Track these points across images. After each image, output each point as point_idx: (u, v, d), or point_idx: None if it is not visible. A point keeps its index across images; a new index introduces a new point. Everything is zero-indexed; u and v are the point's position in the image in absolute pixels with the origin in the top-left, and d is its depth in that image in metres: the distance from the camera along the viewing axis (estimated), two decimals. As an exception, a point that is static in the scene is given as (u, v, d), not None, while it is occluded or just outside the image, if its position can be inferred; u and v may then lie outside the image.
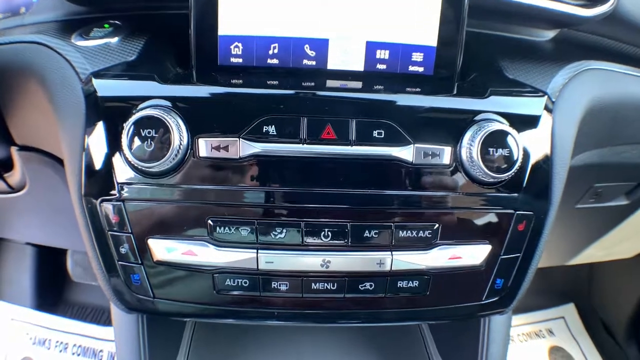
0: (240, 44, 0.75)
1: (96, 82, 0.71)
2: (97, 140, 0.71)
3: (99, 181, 0.71)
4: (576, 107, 0.81)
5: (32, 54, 0.78)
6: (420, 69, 0.78)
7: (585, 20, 0.85)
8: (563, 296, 1.79)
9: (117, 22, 0.83)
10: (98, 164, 0.71)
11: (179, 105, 0.69)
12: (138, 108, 0.69)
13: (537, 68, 0.83)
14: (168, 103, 0.69)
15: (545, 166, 0.76)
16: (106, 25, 0.83)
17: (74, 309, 1.64)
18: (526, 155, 0.73)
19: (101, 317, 1.61)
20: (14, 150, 1.02)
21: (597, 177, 1.12)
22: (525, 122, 0.74)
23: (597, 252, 1.38)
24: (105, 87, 0.71)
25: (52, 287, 1.66)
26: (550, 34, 0.95)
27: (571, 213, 1.17)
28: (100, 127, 0.70)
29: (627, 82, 0.91)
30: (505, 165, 0.70)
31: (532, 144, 0.74)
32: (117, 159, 0.70)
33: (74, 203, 0.74)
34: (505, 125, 0.71)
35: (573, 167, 0.86)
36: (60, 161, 0.99)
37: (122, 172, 0.70)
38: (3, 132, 0.97)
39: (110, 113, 0.70)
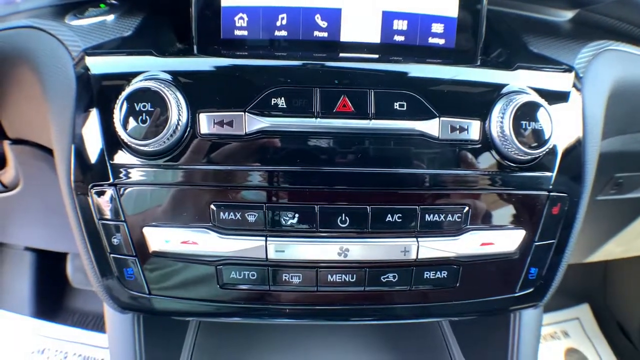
0: (245, 15, 0.66)
1: (88, 59, 0.62)
2: (87, 121, 0.61)
3: (90, 165, 0.61)
4: (603, 85, 0.73)
5: (24, 39, 0.69)
6: (441, 41, 0.68)
7: None
8: (577, 296, 1.67)
9: (113, 1, 0.75)
10: (88, 147, 0.61)
11: (178, 78, 0.59)
12: (133, 81, 0.59)
13: (560, 44, 0.75)
14: (166, 76, 0.59)
15: (577, 144, 0.67)
16: (102, 5, 0.74)
17: (75, 316, 1.51)
18: (559, 131, 0.63)
19: (102, 325, 1.48)
20: (6, 144, 0.93)
21: (618, 167, 1.02)
22: (555, 97, 0.65)
23: (616, 247, 1.27)
24: (98, 64, 0.62)
25: (52, 294, 1.54)
26: (568, 14, 0.88)
27: (591, 206, 1.07)
28: (91, 105, 0.61)
29: None
30: (539, 140, 0.60)
31: (564, 120, 0.65)
32: (109, 140, 0.60)
33: (62, 192, 0.64)
34: (536, 97, 0.61)
35: (596, 154, 0.77)
36: (52, 154, 0.90)
37: (115, 153, 0.60)
38: None
39: (102, 90, 0.61)
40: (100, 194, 0.61)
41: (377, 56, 0.66)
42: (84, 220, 0.63)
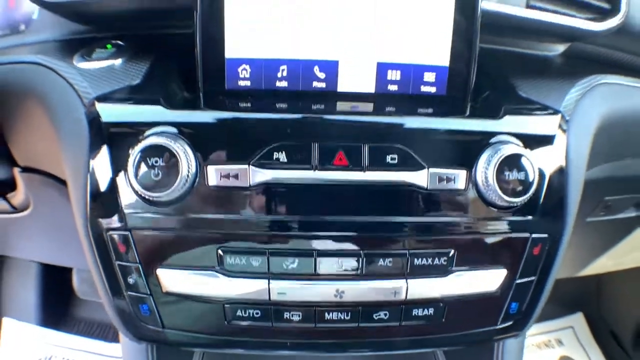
0: (248, 67, 0.73)
1: (100, 107, 0.69)
2: (102, 169, 0.68)
3: (105, 211, 0.69)
4: (589, 123, 0.79)
5: (33, 75, 0.76)
6: (433, 90, 0.75)
7: (595, 34, 0.83)
8: (571, 305, 1.77)
9: (119, 42, 0.81)
10: (104, 194, 0.68)
11: (187, 132, 0.67)
12: (144, 135, 0.66)
13: (549, 85, 0.81)
14: (175, 130, 0.67)
15: (560, 187, 0.73)
16: (109, 46, 0.80)
17: (80, 325, 1.61)
18: (541, 177, 0.71)
19: (108, 333, 1.58)
20: (16, 171, 1.00)
21: (608, 191, 1.09)
22: (540, 142, 0.72)
23: (608, 262, 1.36)
24: (109, 112, 0.68)
25: (58, 303, 1.63)
26: (560, 47, 0.94)
27: (582, 227, 1.14)
28: (105, 154, 0.68)
29: (638, 95, 0.89)
30: (521, 189, 0.68)
31: (547, 165, 0.72)
32: (123, 188, 0.67)
33: (79, 233, 0.72)
34: (520, 148, 0.68)
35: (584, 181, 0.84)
36: (63, 182, 0.96)
37: (129, 201, 0.67)
38: (4, 153, 0.95)
39: (115, 139, 0.68)
40: (116, 238, 0.69)
41: (371, 108, 0.73)
42: (101, 261, 0.71)
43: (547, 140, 0.72)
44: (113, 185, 0.67)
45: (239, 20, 0.70)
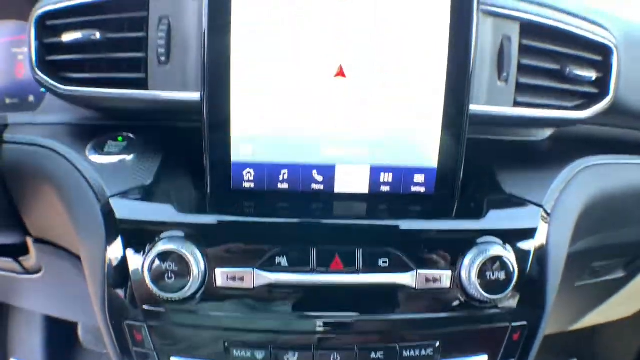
0: (252, 170, 0.82)
1: (114, 205, 0.78)
2: (117, 267, 0.78)
3: (123, 304, 0.79)
4: (572, 212, 0.88)
5: (47, 161, 0.85)
6: (422, 189, 0.84)
7: (581, 121, 0.92)
8: (565, 351, 1.86)
9: (130, 135, 0.90)
10: (120, 289, 0.79)
11: (195, 234, 0.76)
12: (158, 239, 0.76)
13: (533, 176, 0.89)
14: (185, 233, 0.76)
15: (539, 277, 0.83)
16: (120, 139, 0.89)
17: (84, 370, 1.72)
18: (522, 272, 0.79)
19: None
20: (29, 240, 1.09)
21: (595, 258, 1.18)
22: (521, 237, 0.81)
23: (598, 317, 1.45)
24: (124, 211, 0.78)
25: (63, 349, 1.73)
26: (547, 132, 1.02)
27: (570, 290, 1.24)
28: (120, 250, 0.77)
29: (625, 171, 0.99)
30: (502, 286, 0.77)
31: (528, 258, 0.81)
32: (138, 286, 0.77)
33: (99, 321, 0.82)
34: (502, 250, 0.78)
35: (571, 253, 0.92)
36: (76, 256, 1.06)
37: (144, 298, 0.77)
38: (18, 224, 1.03)
39: (129, 237, 0.77)
40: (133, 328, 0.79)
41: (364, 210, 0.83)
42: (119, 345, 0.81)
43: (528, 235, 0.82)
44: (129, 281, 0.78)
45: (244, 128, 0.80)
